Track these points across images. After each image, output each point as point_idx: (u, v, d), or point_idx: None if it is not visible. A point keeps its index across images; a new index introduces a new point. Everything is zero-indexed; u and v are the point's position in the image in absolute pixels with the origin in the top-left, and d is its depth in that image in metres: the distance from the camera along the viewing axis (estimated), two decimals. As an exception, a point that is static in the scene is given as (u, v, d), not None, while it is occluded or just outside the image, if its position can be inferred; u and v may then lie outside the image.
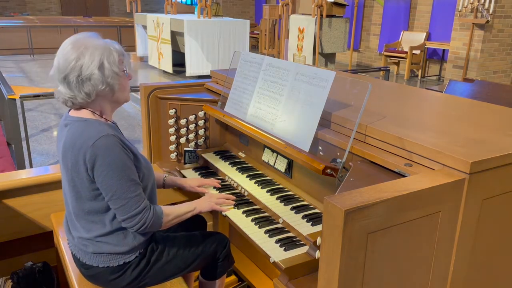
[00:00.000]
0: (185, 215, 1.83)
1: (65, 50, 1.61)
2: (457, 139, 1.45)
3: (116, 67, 1.64)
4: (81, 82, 1.59)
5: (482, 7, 7.65)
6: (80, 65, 1.58)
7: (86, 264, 1.74)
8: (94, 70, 1.59)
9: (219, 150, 2.47)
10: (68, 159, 1.63)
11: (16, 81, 8.50)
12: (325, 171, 1.61)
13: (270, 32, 11.03)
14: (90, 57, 1.59)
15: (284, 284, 1.52)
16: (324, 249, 1.14)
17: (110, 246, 1.70)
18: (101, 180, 1.59)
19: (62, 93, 1.64)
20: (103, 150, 1.57)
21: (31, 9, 17.00)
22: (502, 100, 3.29)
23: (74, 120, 1.67)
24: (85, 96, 1.62)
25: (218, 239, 1.94)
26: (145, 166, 1.75)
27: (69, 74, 1.59)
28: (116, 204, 1.62)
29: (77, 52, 1.59)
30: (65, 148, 1.64)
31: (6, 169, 3.29)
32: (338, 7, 7.43)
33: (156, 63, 9.67)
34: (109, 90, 1.65)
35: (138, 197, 1.64)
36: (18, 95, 3.94)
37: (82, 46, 1.60)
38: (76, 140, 1.61)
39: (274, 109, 1.96)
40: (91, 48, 1.60)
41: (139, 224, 1.64)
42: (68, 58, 1.59)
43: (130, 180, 1.62)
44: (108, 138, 1.59)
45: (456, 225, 1.30)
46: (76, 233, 1.75)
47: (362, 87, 1.96)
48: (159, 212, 1.71)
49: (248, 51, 3.20)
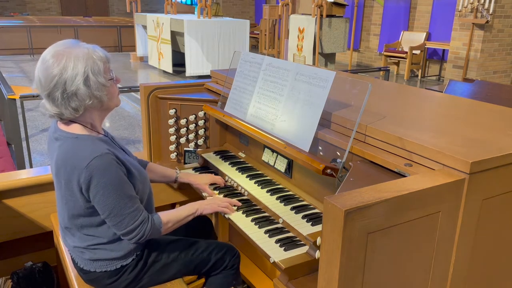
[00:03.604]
0: (186, 219, 1.80)
1: (45, 64, 1.49)
2: (457, 139, 1.45)
3: (102, 78, 1.54)
4: (66, 98, 1.50)
5: (482, 7, 7.65)
6: (63, 81, 1.48)
7: (83, 269, 1.74)
8: (80, 85, 1.49)
9: (219, 150, 2.47)
10: (61, 177, 1.58)
11: (16, 81, 8.50)
12: (325, 171, 1.61)
13: (270, 32, 11.03)
14: (73, 71, 1.48)
15: (284, 284, 1.52)
16: (324, 249, 1.14)
17: (106, 252, 1.69)
18: (98, 200, 1.55)
19: (47, 108, 1.54)
20: (98, 171, 1.51)
21: (31, 9, 17.00)
22: (502, 100, 3.29)
23: (65, 136, 1.59)
24: (73, 111, 1.53)
25: (227, 248, 1.91)
26: (139, 180, 1.68)
27: (53, 91, 1.49)
28: (113, 221, 1.59)
29: (59, 66, 1.47)
30: (57, 166, 1.58)
31: (6, 169, 3.29)
32: (338, 7, 7.44)
33: (156, 63, 9.67)
34: (97, 102, 1.56)
35: (136, 212, 1.61)
36: (18, 95, 3.94)
37: (63, 58, 1.49)
38: (68, 159, 1.55)
39: (274, 109, 1.96)
40: (73, 60, 1.49)
41: (137, 237, 1.63)
42: (50, 73, 1.48)
43: (127, 197, 1.58)
44: (103, 158, 1.52)
45: (456, 225, 1.30)
46: (72, 243, 1.74)
47: (362, 87, 1.96)
48: (157, 223, 1.68)
49: (248, 51, 3.20)
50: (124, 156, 1.66)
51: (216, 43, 8.78)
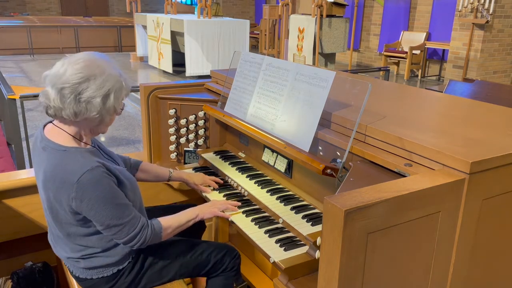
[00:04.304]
0: (187, 224, 1.79)
1: (78, 64, 1.51)
2: (457, 139, 1.45)
3: (118, 104, 1.58)
4: (77, 101, 1.50)
5: (482, 7, 7.65)
6: (86, 86, 1.49)
7: (80, 278, 1.73)
8: (97, 98, 1.51)
9: (219, 150, 2.47)
10: (49, 189, 1.56)
11: (16, 81, 8.50)
12: (325, 171, 1.61)
13: (270, 32, 11.03)
14: (101, 83, 1.51)
15: (284, 284, 1.52)
16: (324, 249, 1.14)
17: (101, 259, 1.68)
18: (93, 214, 1.53)
19: (50, 99, 1.52)
20: (90, 185, 1.49)
21: (31, 9, 17.00)
22: (502, 100, 3.29)
23: (52, 147, 1.57)
24: (73, 114, 1.52)
25: (227, 249, 1.90)
26: (130, 189, 1.67)
27: (69, 88, 1.49)
28: (113, 231, 1.58)
29: (91, 72, 1.50)
30: (45, 177, 1.56)
31: (6, 169, 3.30)
32: (338, 7, 7.44)
33: (156, 63, 9.67)
34: (98, 120, 1.57)
35: (134, 219, 1.60)
36: (18, 95, 3.94)
37: (98, 68, 1.52)
38: (57, 174, 1.52)
39: (274, 109, 1.96)
40: (106, 75, 1.53)
41: (138, 243, 1.63)
42: (78, 72, 1.49)
43: (123, 205, 1.57)
44: (93, 172, 1.50)
45: (456, 225, 1.30)
46: (64, 254, 1.71)
47: (362, 87, 1.96)
48: (157, 228, 1.68)
49: (248, 51, 3.20)
50: (114, 166, 1.64)
51: (216, 43, 8.78)
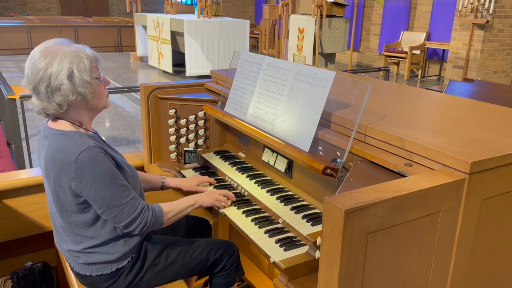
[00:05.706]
0: (186, 210, 1.81)
1: (33, 59, 1.53)
2: (457, 139, 1.45)
3: (87, 75, 1.56)
4: (50, 92, 1.52)
5: (482, 7, 7.65)
6: (48, 75, 1.50)
7: (80, 274, 1.74)
8: (63, 79, 1.51)
9: (219, 150, 2.47)
10: (50, 174, 1.58)
11: (16, 81, 8.48)
12: (325, 171, 1.61)
13: (270, 32, 11.03)
14: (58, 66, 1.51)
15: (284, 284, 1.52)
16: (324, 249, 1.14)
17: (101, 255, 1.69)
18: (92, 194, 1.54)
19: (35, 104, 1.57)
20: (88, 164, 1.52)
21: (31, 9, 17.00)
22: (502, 100, 3.29)
23: (53, 132, 1.60)
24: (57, 107, 1.55)
25: (226, 246, 1.90)
26: (130, 175, 1.69)
27: (38, 84, 1.52)
28: (112, 213, 1.58)
29: (45, 61, 1.51)
30: (46, 162, 1.59)
31: (6, 169, 3.30)
32: (338, 7, 7.44)
33: (156, 63, 9.67)
34: (81, 100, 1.57)
35: (133, 200, 1.60)
36: (18, 95, 3.94)
37: (50, 54, 1.52)
38: (56, 155, 1.55)
39: (274, 109, 1.97)
40: (60, 56, 1.52)
41: (140, 226, 1.62)
42: (36, 67, 1.51)
43: (122, 186, 1.58)
44: (90, 150, 1.53)
45: (456, 225, 1.30)
46: (66, 246, 1.73)
47: (362, 87, 1.96)
48: (158, 211, 1.69)
49: (248, 51, 3.20)
50: (113, 153, 1.67)
51: (216, 43, 8.78)
